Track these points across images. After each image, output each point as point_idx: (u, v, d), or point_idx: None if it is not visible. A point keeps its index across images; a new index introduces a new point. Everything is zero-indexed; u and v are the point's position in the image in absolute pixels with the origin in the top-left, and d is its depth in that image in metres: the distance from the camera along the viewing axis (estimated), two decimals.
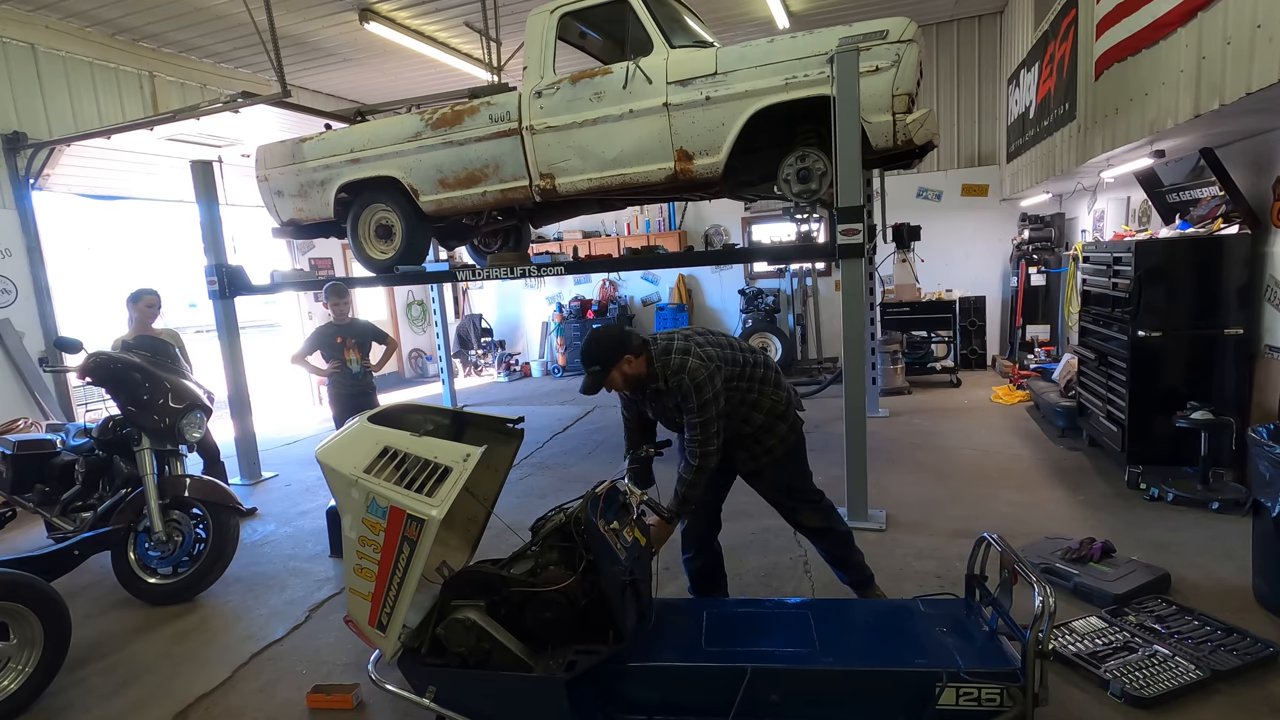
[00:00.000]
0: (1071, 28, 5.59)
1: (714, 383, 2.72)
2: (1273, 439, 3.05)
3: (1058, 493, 4.68)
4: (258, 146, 5.88)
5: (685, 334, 2.85)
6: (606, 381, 2.77)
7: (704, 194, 5.43)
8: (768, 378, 2.94)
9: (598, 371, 2.74)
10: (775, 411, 2.92)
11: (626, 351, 2.74)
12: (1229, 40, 3.26)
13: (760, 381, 2.91)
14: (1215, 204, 4.75)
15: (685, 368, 2.69)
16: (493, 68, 6.98)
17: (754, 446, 2.94)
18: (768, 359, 3.02)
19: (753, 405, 2.89)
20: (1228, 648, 2.74)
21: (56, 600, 3.03)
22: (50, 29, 6.78)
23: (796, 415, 3.02)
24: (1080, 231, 7.77)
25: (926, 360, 8.77)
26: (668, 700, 2.36)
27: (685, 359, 2.71)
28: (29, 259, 6.61)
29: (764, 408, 2.90)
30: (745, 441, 2.93)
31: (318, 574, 4.24)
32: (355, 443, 2.39)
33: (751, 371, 2.89)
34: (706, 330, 2.95)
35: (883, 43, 4.05)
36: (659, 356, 2.77)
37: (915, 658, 2.29)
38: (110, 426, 4.17)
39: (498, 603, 2.37)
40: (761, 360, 2.97)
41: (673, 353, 2.75)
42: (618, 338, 2.77)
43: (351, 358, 5.56)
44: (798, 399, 3.06)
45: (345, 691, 2.86)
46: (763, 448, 2.94)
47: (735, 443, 2.92)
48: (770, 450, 2.94)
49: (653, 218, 11.00)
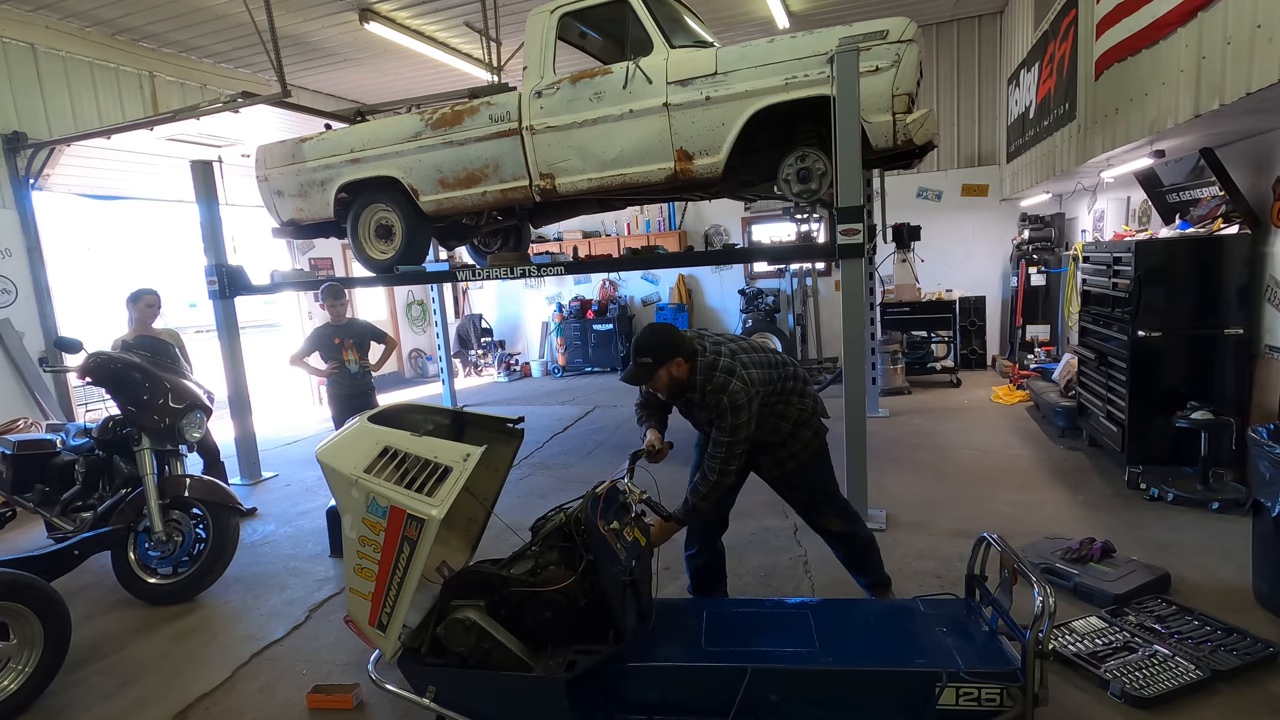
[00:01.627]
0: (1071, 28, 5.59)
1: (751, 408, 2.72)
2: (1273, 439, 3.05)
3: (1058, 493, 4.68)
4: (258, 146, 5.88)
5: (732, 349, 2.81)
6: (653, 379, 2.74)
7: (704, 194, 5.43)
8: (796, 388, 2.96)
9: (649, 364, 2.71)
10: (801, 420, 2.95)
11: (679, 355, 2.72)
12: (1229, 40, 3.25)
13: (790, 393, 2.93)
14: (1215, 204, 4.75)
15: (727, 389, 2.67)
16: (493, 68, 6.98)
17: (779, 452, 2.96)
18: (797, 369, 3.03)
19: (780, 415, 2.92)
20: (1228, 648, 2.74)
21: (56, 600, 3.03)
22: (50, 29, 6.78)
23: (821, 422, 3.04)
24: (1080, 231, 7.78)
25: (926, 360, 8.77)
26: (668, 700, 2.36)
27: (729, 380, 2.68)
28: (29, 259, 6.61)
29: (790, 418, 2.93)
30: (771, 448, 2.96)
31: (318, 574, 4.24)
32: (355, 442, 2.39)
33: (783, 385, 2.91)
34: (749, 342, 2.95)
35: (883, 43, 4.05)
36: (703, 370, 2.74)
37: (915, 658, 2.29)
38: (110, 426, 4.16)
39: (498, 603, 2.37)
40: (792, 373, 2.98)
41: (718, 370, 2.71)
42: (675, 339, 2.74)
43: (350, 358, 5.56)
44: (823, 406, 3.08)
45: (345, 691, 2.86)
46: (788, 452, 2.96)
47: (761, 449, 2.94)
48: (795, 455, 2.96)
49: (653, 218, 11.00)
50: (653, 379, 2.75)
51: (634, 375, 2.77)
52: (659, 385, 2.78)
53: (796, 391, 2.95)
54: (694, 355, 2.76)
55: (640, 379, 2.77)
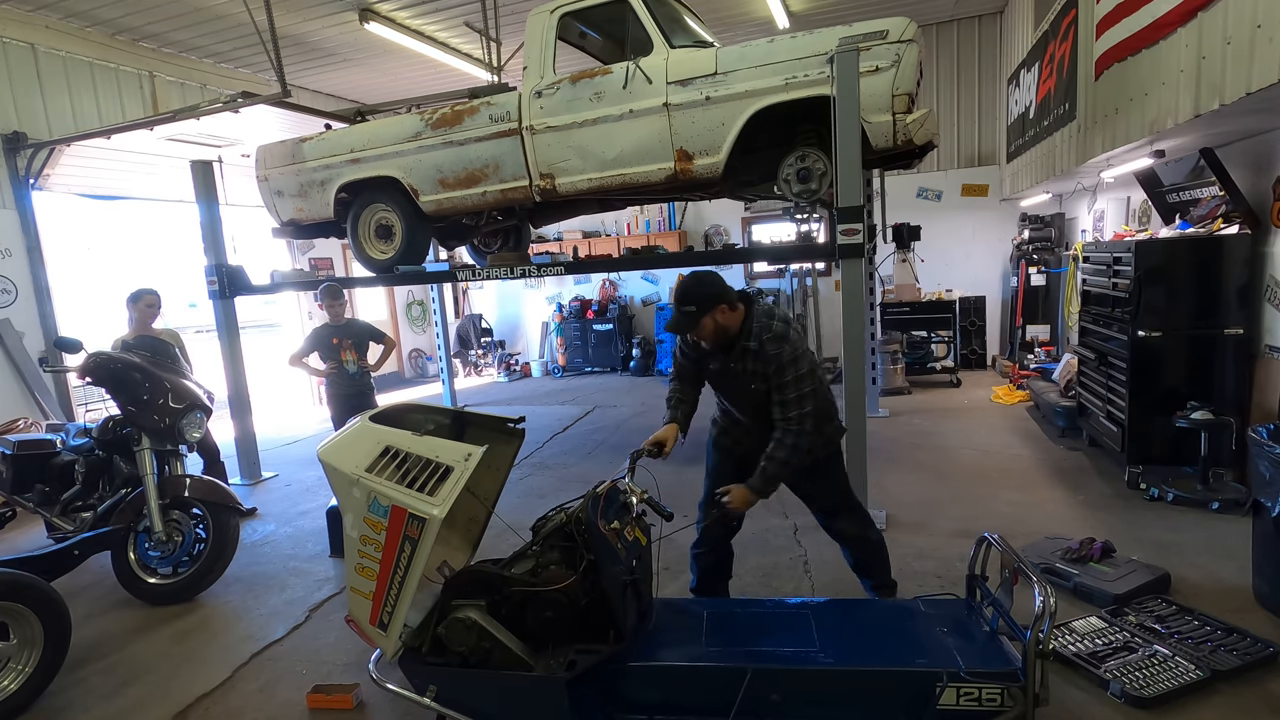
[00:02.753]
0: (1071, 28, 5.59)
1: (809, 359, 2.71)
2: (1273, 439, 3.05)
3: (1058, 493, 4.68)
4: (258, 146, 5.87)
5: (785, 316, 2.80)
6: (698, 327, 2.67)
7: (704, 194, 5.43)
8: (822, 378, 2.95)
9: (692, 312, 2.64)
10: (825, 413, 2.93)
11: (724, 301, 2.66)
12: (1229, 40, 3.26)
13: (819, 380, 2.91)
14: (1215, 204, 4.75)
15: (787, 337, 2.66)
16: (493, 68, 6.98)
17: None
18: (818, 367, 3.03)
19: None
20: (1228, 648, 2.75)
21: (56, 600, 3.03)
22: (50, 29, 6.77)
23: (839, 421, 3.04)
24: (1080, 231, 7.78)
25: (926, 360, 8.77)
26: (668, 700, 2.36)
27: (787, 329, 2.68)
28: (29, 259, 6.61)
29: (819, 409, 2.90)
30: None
31: (318, 574, 4.24)
32: (357, 442, 2.39)
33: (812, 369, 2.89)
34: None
35: (883, 43, 4.05)
36: (760, 317, 2.70)
37: (916, 658, 2.28)
38: (110, 426, 4.16)
39: (499, 602, 2.37)
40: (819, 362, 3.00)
41: (775, 319, 2.70)
42: (720, 286, 2.68)
43: (348, 358, 5.56)
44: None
45: (345, 691, 2.87)
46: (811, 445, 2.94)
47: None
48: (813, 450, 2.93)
49: (653, 218, 11.00)
50: (698, 327, 2.67)
51: (677, 323, 2.69)
52: (705, 334, 2.70)
53: (823, 381, 2.95)
54: (747, 300, 2.73)
55: (685, 327, 2.69)
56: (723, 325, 2.69)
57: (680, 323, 2.69)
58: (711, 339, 2.75)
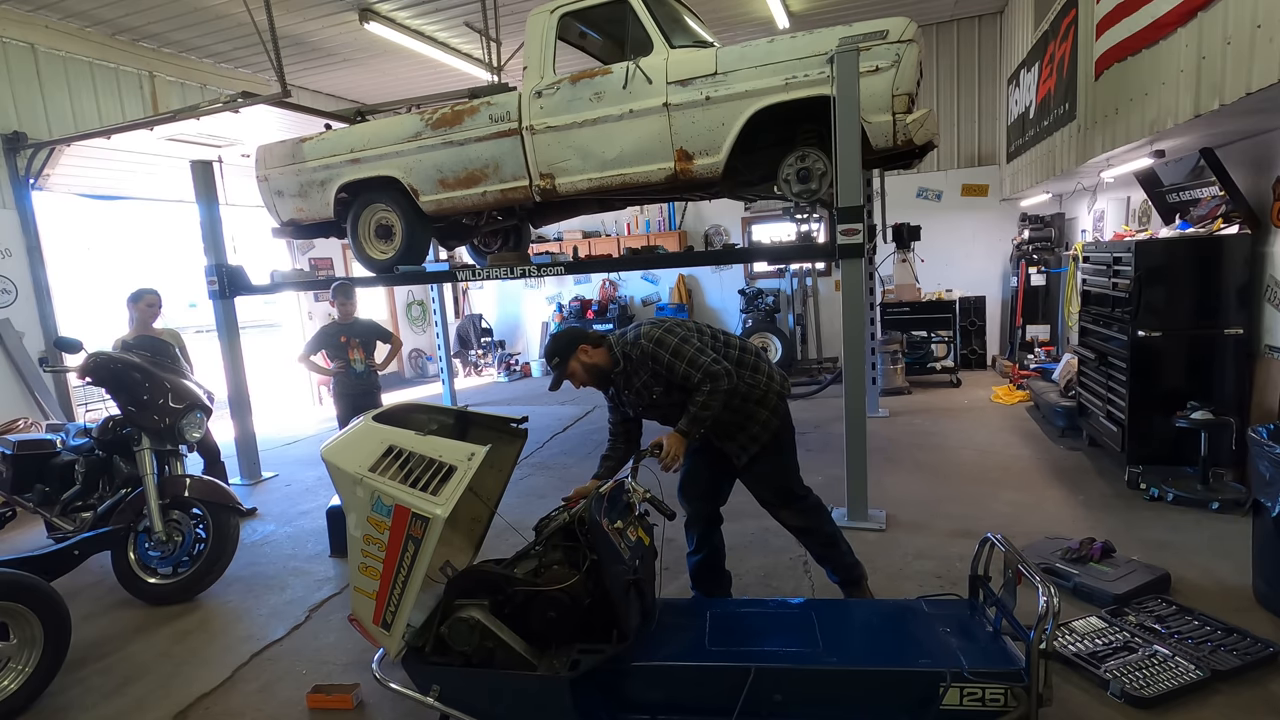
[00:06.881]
0: (1071, 28, 5.59)
1: (674, 334, 2.81)
2: (1273, 439, 3.05)
3: (1058, 493, 4.68)
4: (258, 146, 5.87)
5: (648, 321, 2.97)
6: (568, 373, 2.88)
7: (704, 194, 5.43)
8: (747, 361, 2.96)
9: (559, 363, 2.87)
10: (754, 397, 2.93)
11: (582, 342, 2.88)
12: (1229, 40, 3.26)
13: (739, 365, 2.92)
14: (1215, 204, 4.76)
15: (640, 336, 2.82)
16: (493, 68, 6.98)
17: (739, 435, 2.95)
18: (747, 344, 3.05)
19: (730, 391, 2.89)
20: (1228, 648, 2.75)
21: (56, 600, 3.02)
22: (50, 29, 6.77)
23: (780, 403, 3.01)
24: (1080, 231, 7.78)
25: (926, 360, 8.77)
26: (671, 700, 2.36)
27: (638, 330, 2.86)
28: (29, 259, 6.61)
29: (740, 393, 2.89)
30: (730, 430, 2.94)
31: (318, 574, 4.24)
32: (360, 441, 2.39)
33: (726, 354, 2.91)
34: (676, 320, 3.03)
35: (883, 43, 4.06)
36: (617, 343, 2.91)
37: (919, 658, 2.29)
38: (110, 426, 4.16)
39: (502, 602, 2.37)
40: (737, 344, 3.00)
41: (628, 333, 2.90)
42: (574, 333, 2.92)
43: (355, 357, 5.58)
44: (786, 387, 3.06)
45: (345, 691, 2.86)
46: (748, 435, 2.95)
47: (721, 433, 2.95)
48: (755, 438, 2.95)
49: (653, 218, 11.00)
50: (570, 374, 2.88)
51: (556, 379, 2.95)
52: (580, 378, 2.90)
53: (748, 365, 2.95)
54: (603, 339, 2.91)
55: (559, 379, 2.94)
56: (591, 364, 2.88)
57: (556, 377, 2.95)
58: (591, 379, 2.92)
